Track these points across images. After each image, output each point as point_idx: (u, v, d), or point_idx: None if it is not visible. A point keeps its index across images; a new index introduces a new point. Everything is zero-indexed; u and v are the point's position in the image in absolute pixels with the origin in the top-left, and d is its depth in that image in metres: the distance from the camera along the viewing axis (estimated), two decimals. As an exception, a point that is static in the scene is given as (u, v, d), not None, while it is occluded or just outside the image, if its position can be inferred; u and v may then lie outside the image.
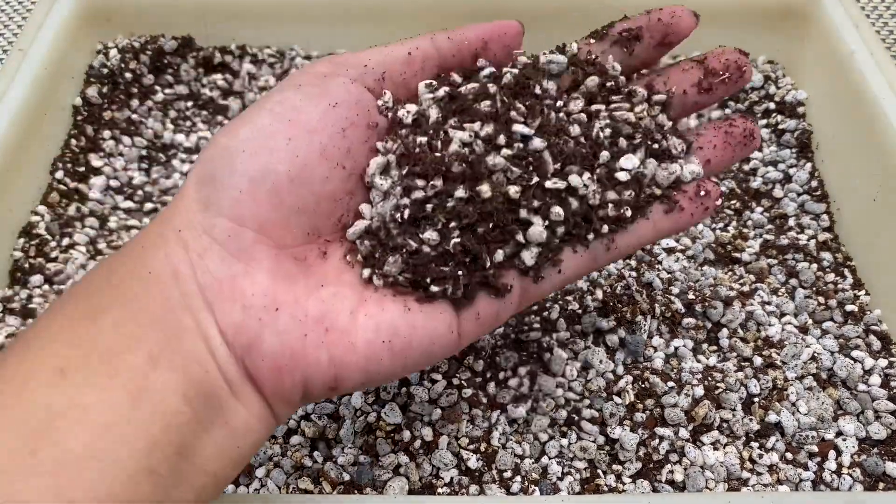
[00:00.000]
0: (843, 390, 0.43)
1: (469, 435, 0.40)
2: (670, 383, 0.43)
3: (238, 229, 0.28)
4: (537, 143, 0.31)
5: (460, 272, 0.30)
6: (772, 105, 0.58)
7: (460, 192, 0.30)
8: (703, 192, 0.34)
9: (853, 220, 0.51)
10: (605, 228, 0.32)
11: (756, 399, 0.42)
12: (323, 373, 0.28)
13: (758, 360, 0.44)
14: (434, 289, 0.30)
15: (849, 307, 0.47)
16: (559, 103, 0.33)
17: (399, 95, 0.33)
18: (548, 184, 0.31)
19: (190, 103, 0.59)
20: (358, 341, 0.29)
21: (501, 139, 0.31)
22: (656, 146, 0.34)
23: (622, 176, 0.33)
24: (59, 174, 0.52)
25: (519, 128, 0.31)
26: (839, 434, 0.41)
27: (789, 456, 0.41)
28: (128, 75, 0.58)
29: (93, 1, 0.58)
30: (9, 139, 0.48)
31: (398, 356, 0.29)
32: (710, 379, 0.43)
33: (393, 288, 0.31)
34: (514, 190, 0.31)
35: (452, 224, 0.30)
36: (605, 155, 0.32)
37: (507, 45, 0.35)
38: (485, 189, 0.30)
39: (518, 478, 0.39)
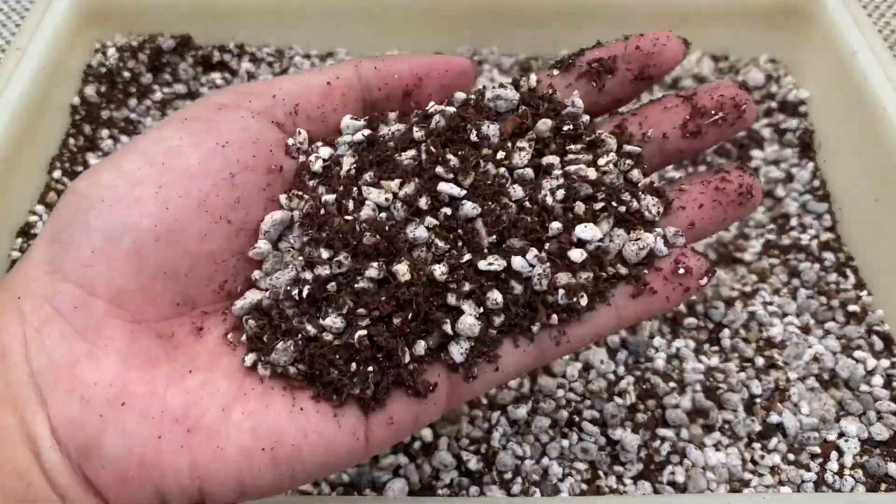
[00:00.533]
0: (845, 391, 0.43)
1: (469, 436, 0.40)
2: (672, 384, 0.43)
3: (86, 298, 0.23)
4: (469, 208, 0.26)
5: (370, 368, 0.25)
6: (774, 104, 0.58)
7: (372, 272, 0.25)
8: (682, 270, 0.27)
9: (855, 219, 0.51)
10: (555, 318, 0.27)
11: (758, 400, 0.42)
12: (182, 484, 0.23)
13: (760, 361, 0.44)
14: (335, 387, 0.25)
15: (851, 307, 0.47)
16: (500, 154, 0.27)
17: (316, 133, 0.28)
18: (482, 264, 0.25)
19: (188, 102, 0.58)
20: (229, 447, 0.23)
21: (424, 202, 0.26)
22: (623, 208, 0.27)
23: (576, 255, 0.26)
24: (57, 174, 0.52)
25: (446, 188, 0.26)
26: (841, 435, 0.41)
27: (791, 457, 0.40)
28: (126, 74, 0.58)
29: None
30: (7, 139, 0.47)
31: (283, 467, 0.24)
32: (711, 380, 0.43)
33: (283, 380, 0.25)
34: (439, 271, 0.25)
35: (361, 311, 0.25)
36: (556, 226, 0.26)
37: (448, 85, 0.29)
38: (402, 270, 0.25)
39: (519, 479, 0.39)
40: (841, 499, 0.36)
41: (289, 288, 0.26)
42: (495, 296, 0.26)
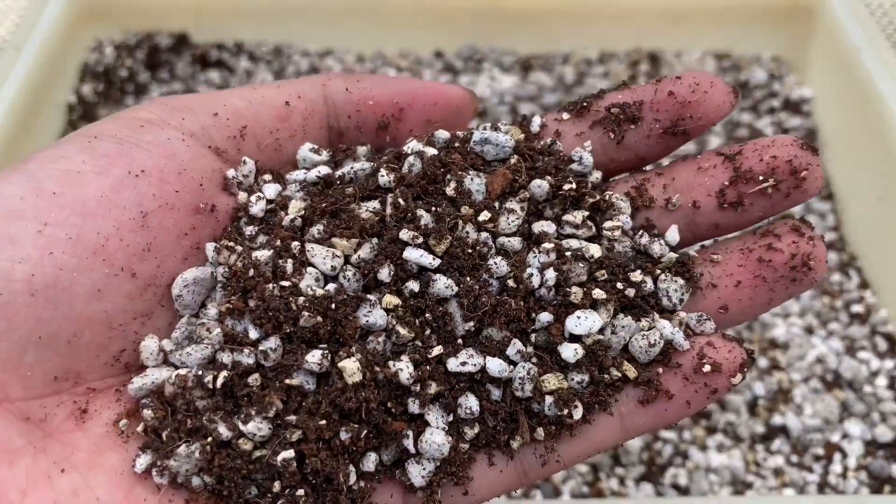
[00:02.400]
0: (848, 392, 0.43)
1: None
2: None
3: None
4: (442, 286, 0.20)
5: (300, 491, 0.19)
6: (776, 103, 0.57)
7: (313, 363, 0.18)
8: (707, 367, 0.20)
9: (860, 219, 0.50)
10: (541, 432, 0.21)
11: (761, 401, 0.42)
12: None
13: (763, 362, 0.44)
14: None
15: (855, 308, 0.47)
16: (484, 215, 0.20)
17: (268, 164, 0.22)
18: (452, 364, 0.20)
19: (186, 101, 0.58)
20: None
21: (385, 273, 0.20)
22: (632, 291, 0.21)
23: (569, 353, 0.20)
24: (54, 172, 0.52)
25: (415, 255, 0.20)
26: (845, 436, 0.41)
27: (794, 459, 0.40)
28: (123, 72, 0.57)
29: (88, -3, 0.58)
30: (3, 137, 0.47)
31: None
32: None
33: (185, 493, 0.19)
34: (406, 374, 0.19)
35: (291, 418, 0.19)
36: (544, 317, 0.20)
37: (432, 120, 0.23)
38: (351, 367, 0.18)
39: (519, 481, 0.39)
40: (845, 501, 0.36)
41: (200, 373, 0.19)
42: (470, 402, 0.20)
